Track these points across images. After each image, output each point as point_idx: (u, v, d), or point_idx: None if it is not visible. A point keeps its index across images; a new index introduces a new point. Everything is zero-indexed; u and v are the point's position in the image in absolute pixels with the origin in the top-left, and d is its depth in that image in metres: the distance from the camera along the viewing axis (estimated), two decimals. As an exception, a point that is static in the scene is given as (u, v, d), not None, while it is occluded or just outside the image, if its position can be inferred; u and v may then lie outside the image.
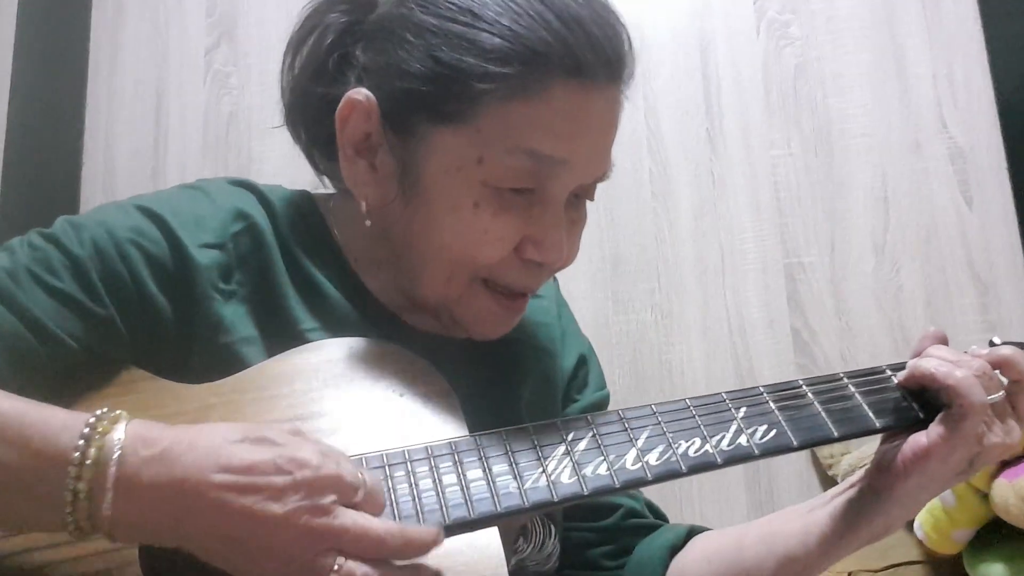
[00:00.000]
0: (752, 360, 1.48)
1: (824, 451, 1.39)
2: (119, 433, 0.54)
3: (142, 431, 0.55)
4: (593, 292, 1.54)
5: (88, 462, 0.53)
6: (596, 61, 0.70)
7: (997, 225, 1.46)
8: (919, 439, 0.68)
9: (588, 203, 0.79)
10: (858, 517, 0.72)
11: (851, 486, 0.75)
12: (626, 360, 1.51)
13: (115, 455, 0.53)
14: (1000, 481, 1.14)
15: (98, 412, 0.55)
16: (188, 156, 1.72)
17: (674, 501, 1.43)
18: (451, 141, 0.71)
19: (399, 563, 0.57)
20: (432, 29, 0.70)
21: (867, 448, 1.36)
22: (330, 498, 0.55)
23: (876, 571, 1.24)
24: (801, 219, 1.52)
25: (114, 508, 0.53)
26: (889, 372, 0.74)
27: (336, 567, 0.54)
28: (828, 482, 1.41)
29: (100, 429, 0.54)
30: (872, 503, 0.72)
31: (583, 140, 0.72)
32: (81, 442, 0.53)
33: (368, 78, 0.74)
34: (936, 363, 0.69)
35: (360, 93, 0.73)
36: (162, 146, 1.73)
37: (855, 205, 1.51)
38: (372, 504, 0.58)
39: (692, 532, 0.86)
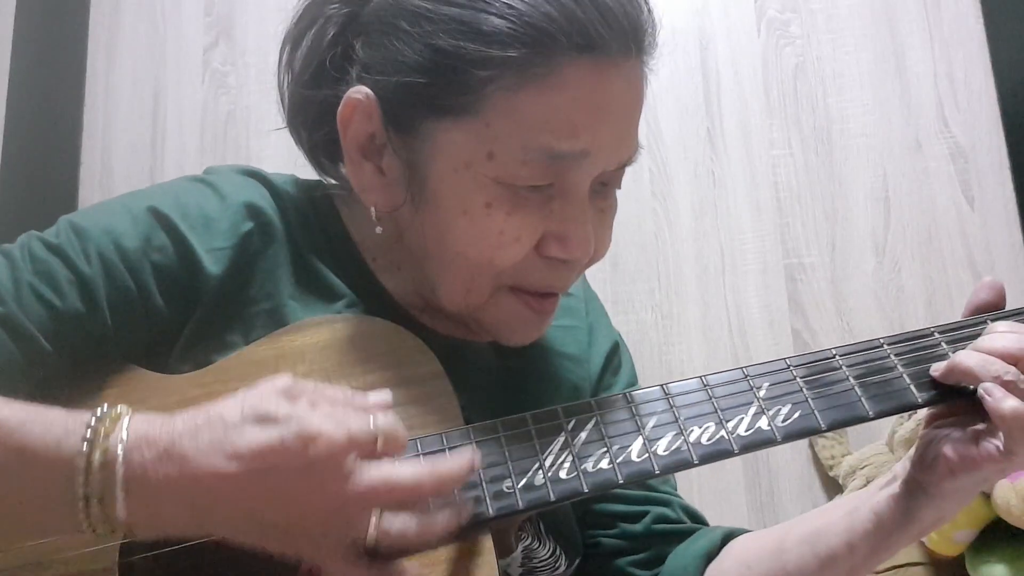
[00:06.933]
0: (752, 360, 1.46)
1: (825, 452, 1.38)
2: (121, 433, 0.52)
3: (143, 428, 0.53)
4: (593, 292, 1.53)
5: (94, 467, 0.51)
6: (609, 34, 0.63)
7: (999, 225, 1.46)
8: (970, 451, 0.61)
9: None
10: (907, 513, 0.67)
11: (893, 479, 0.69)
12: (626, 360, 1.50)
13: (120, 456, 0.52)
14: (1002, 482, 1.14)
15: (98, 412, 0.53)
16: (186, 155, 1.71)
17: (674, 502, 1.42)
18: (458, 137, 0.65)
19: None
20: (427, 15, 0.65)
21: (868, 449, 1.36)
22: (349, 461, 0.53)
23: (878, 572, 1.23)
24: (801, 219, 1.52)
25: (128, 509, 0.52)
26: (938, 336, 0.66)
27: (373, 526, 0.53)
28: (829, 483, 1.40)
29: (102, 431, 0.52)
30: (920, 498, 0.66)
31: (603, 127, 0.66)
32: (85, 446, 0.52)
33: (368, 75, 0.69)
34: (984, 374, 0.61)
35: (360, 92, 0.68)
36: (159, 145, 1.72)
37: (855, 205, 1.50)
38: (393, 446, 0.56)
39: (729, 536, 0.80)
